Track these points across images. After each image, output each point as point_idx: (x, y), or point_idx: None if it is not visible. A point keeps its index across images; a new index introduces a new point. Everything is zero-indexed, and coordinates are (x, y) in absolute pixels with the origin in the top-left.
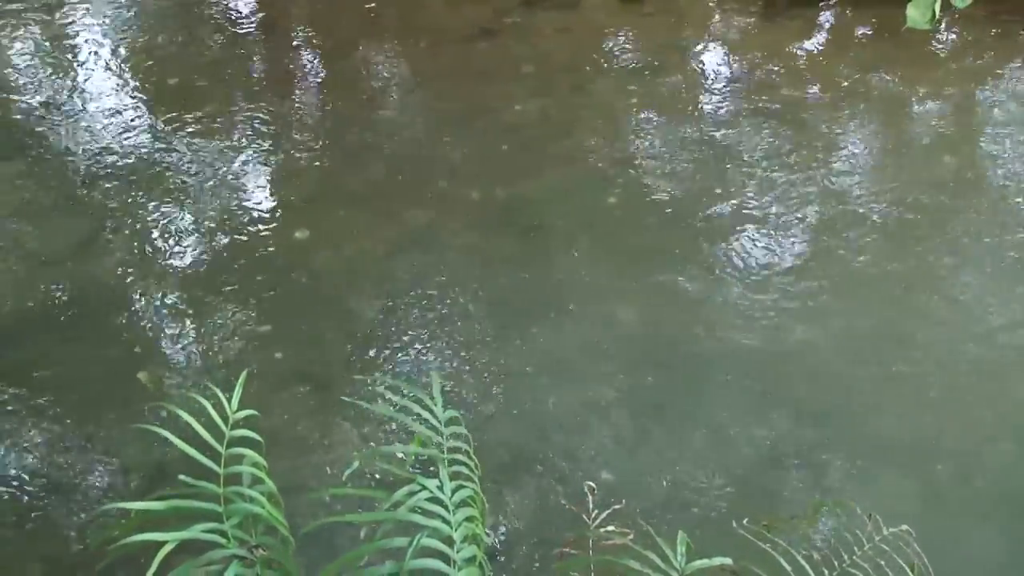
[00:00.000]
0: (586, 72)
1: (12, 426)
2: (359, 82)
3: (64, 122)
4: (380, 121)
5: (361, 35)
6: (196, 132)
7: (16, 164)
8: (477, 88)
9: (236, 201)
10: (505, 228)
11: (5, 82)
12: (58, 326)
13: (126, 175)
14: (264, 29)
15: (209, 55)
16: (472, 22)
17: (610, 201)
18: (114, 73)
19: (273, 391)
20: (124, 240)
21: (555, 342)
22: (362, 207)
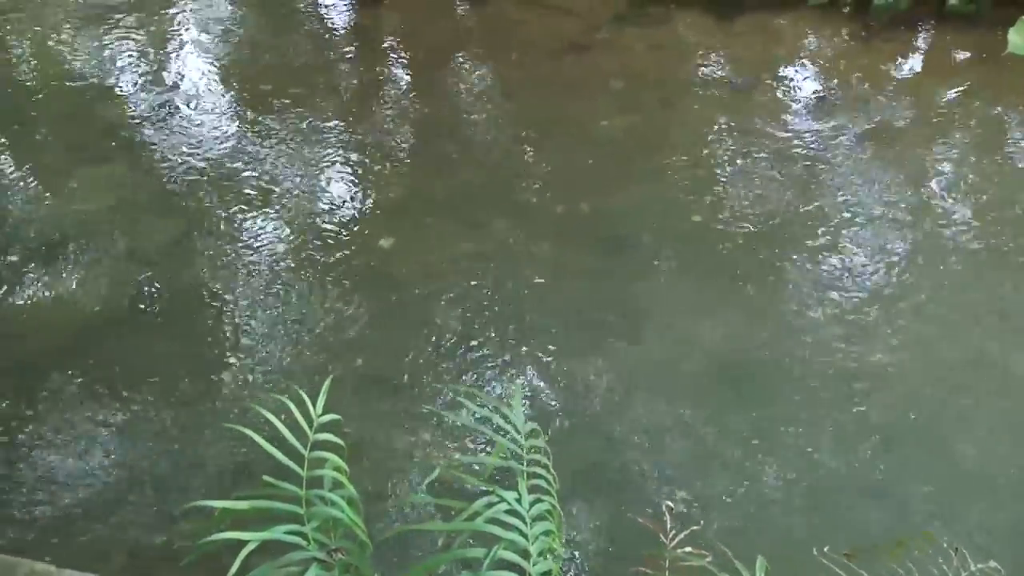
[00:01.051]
0: (675, 89)
1: (100, 419)
2: (449, 92)
3: (161, 126)
4: (468, 131)
5: (453, 46)
6: (287, 138)
7: (115, 166)
8: (565, 102)
9: (323, 207)
10: (588, 241)
11: (107, 87)
12: (147, 323)
13: (218, 178)
14: (358, 38)
15: (303, 63)
16: (563, 36)
17: (695, 219)
18: (210, 79)
19: (353, 396)
20: (214, 242)
21: (634, 357)
22: (447, 216)
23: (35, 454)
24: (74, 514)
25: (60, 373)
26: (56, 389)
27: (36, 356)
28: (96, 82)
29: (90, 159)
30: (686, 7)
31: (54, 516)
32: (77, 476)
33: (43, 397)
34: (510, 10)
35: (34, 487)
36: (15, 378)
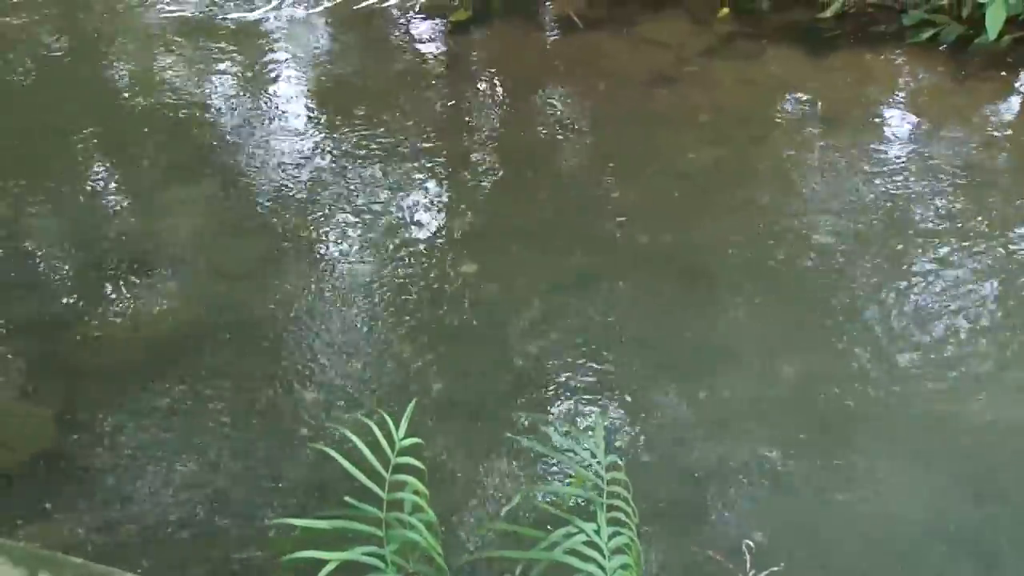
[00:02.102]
0: (764, 124)
1: (182, 434)
2: (536, 121)
3: (252, 146)
4: (554, 160)
5: (543, 75)
6: (375, 160)
7: (207, 184)
8: (652, 133)
9: (408, 231)
10: (671, 274)
11: (202, 108)
12: (232, 341)
13: (306, 199)
14: (447, 64)
15: (393, 87)
16: (653, 68)
17: (780, 256)
18: (302, 100)
19: (431, 421)
20: (298, 261)
21: (715, 393)
22: (531, 244)
23: (119, 467)
24: (156, 528)
25: (145, 388)
26: (140, 403)
27: (122, 370)
28: (192, 102)
29: (182, 177)
30: (778, 42)
31: (136, 529)
32: (159, 490)
33: (127, 411)
34: (601, 41)
35: (117, 500)
36: (101, 391)
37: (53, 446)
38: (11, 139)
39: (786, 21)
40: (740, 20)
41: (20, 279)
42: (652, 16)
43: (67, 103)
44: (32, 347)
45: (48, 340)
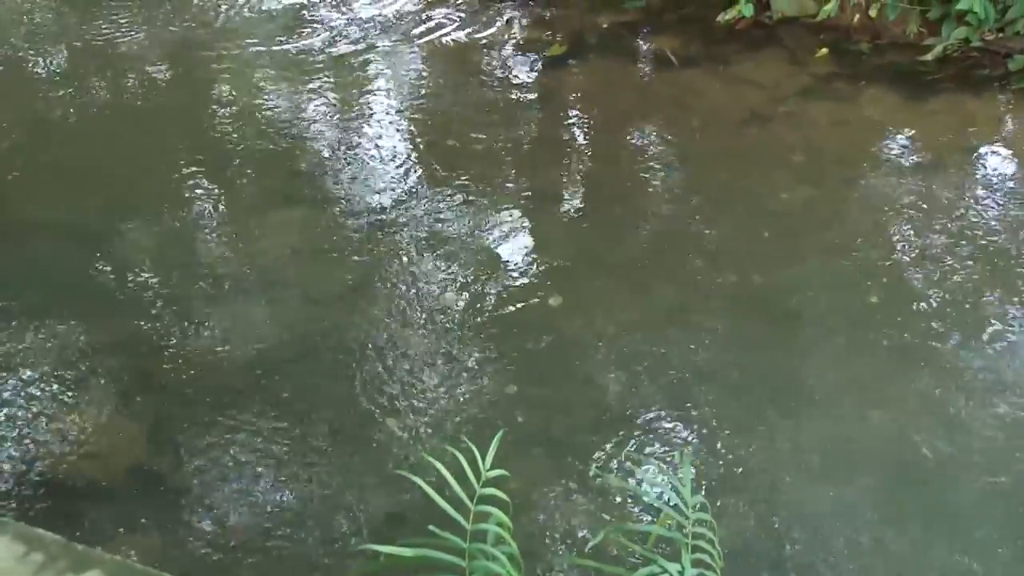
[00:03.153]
0: (859, 166)
1: (267, 455)
2: (627, 157)
3: (346, 173)
4: (643, 196)
5: (636, 111)
6: (465, 192)
7: (301, 209)
8: (744, 172)
9: (495, 262)
10: (759, 314)
11: (297, 135)
12: (320, 364)
13: (398, 227)
14: (541, 98)
15: (486, 119)
16: (746, 107)
17: (871, 300)
18: (396, 131)
19: (513, 452)
20: (387, 288)
21: (801, 436)
22: (617, 279)
23: (205, 485)
24: (238, 548)
25: (233, 408)
26: (228, 423)
27: (212, 389)
28: (288, 130)
29: (279, 202)
30: (874, 83)
31: (218, 548)
32: (243, 511)
33: (216, 430)
34: (695, 78)
35: (202, 518)
36: (191, 409)
37: (144, 461)
38: (113, 160)
39: (885, 63)
40: (838, 61)
41: (118, 298)
42: (748, 55)
43: (169, 127)
44: (128, 364)
45: (143, 358)
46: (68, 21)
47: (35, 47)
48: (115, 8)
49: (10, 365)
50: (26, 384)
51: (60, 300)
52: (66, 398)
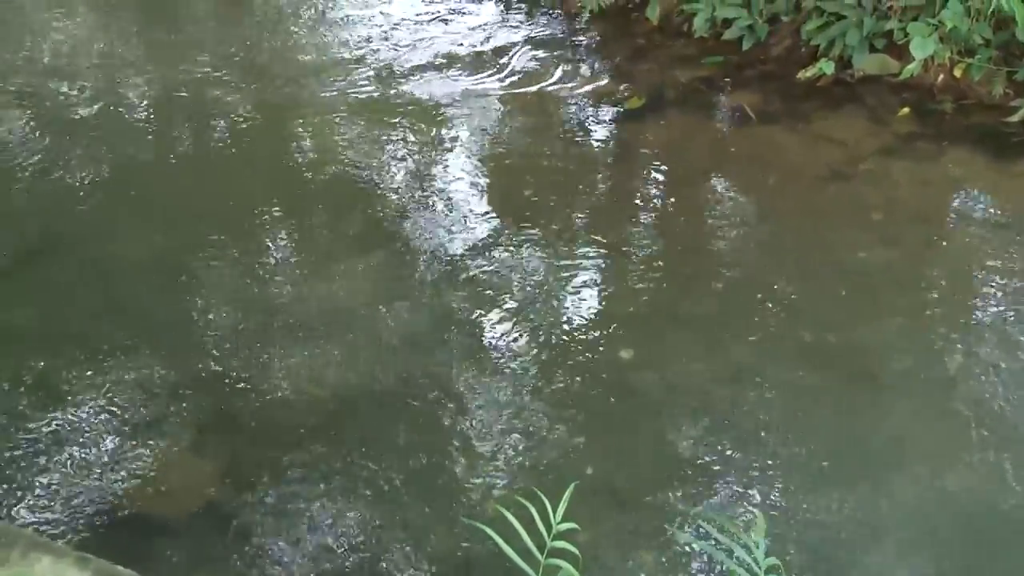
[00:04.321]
0: (941, 226)
1: (336, 498)
2: (703, 211)
3: (423, 220)
4: (719, 250)
5: (713, 165)
6: (541, 240)
7: (377, 255)
8: (822, 230)
9: (567, 312)
10: (834, 374)
11: (376, 180)
12: (392, 408)
13: (471, 275)
14: (618, 150)
15: (562, 171)
16: (825, 164)
17: (950, 363)
18: (473, 179)
19: (581, 505)
20: (460, 336)
21: (874, 501)
22: (690, 333)
23: (273, 525)
24: None
25: (304, 449)
26: (299, 464)
27: (285, 430)
28: (370, 174)
29: (355, 247)
30: (959, 144)
31: None
32: (310, 552)
33: (287, 472)
34: (774, 134)
35: (269, 558)
36: (263, 449)
37: (215, 499)
38: (196, 201)
39: (969, 124)
40: (920, 121)
41: (196, 336)
42: (829, 113)
43: (251, 170)
44: (202, 402)
45: (219, 396)
46: (156, 68)
47: (125, 92)
48: (202, 57)
49: (90, 399)
50: (104, 418)
51: (140, 336)
52: (143, 434)
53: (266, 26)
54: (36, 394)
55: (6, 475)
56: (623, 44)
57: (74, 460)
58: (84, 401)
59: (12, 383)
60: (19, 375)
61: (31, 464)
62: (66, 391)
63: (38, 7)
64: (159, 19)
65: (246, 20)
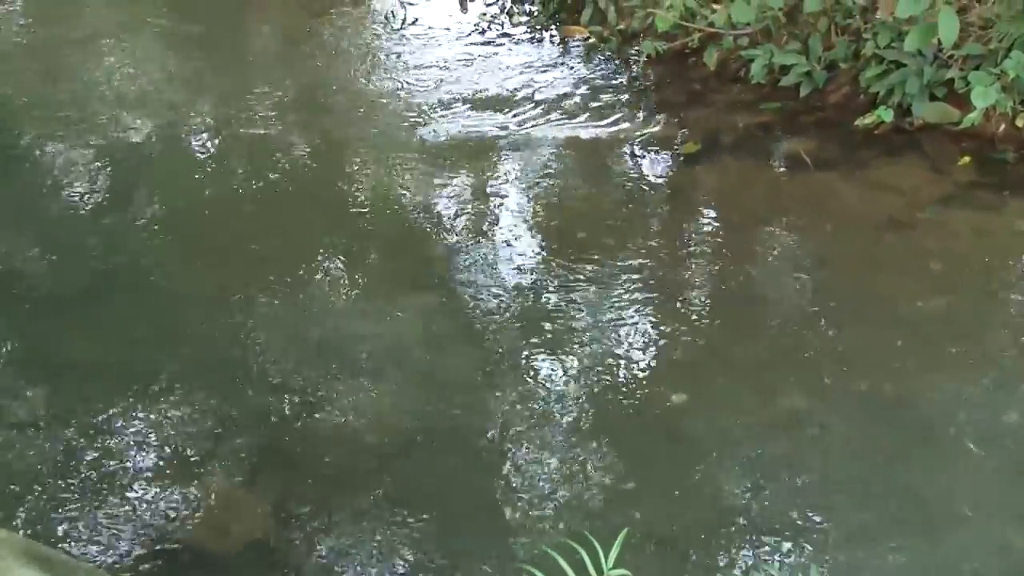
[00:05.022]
0: (1002, 277)
1: (386, 538)
2: (757, 257)
3: (475, 260)
4: (774, 296)
5: (768, 211)
6: (589, 285)
7: (430, 296)
8: (878, 279)
9: (617, 356)
10: (890, 425)
11: (431, 219)
12: (443, 450)
13: (523, 317)
14: (672, 195)
15: (615, 214)
16: (884, 212)
17: (1010, 417)
18: (526, 221)
19: (630, 551)
20: (511, 378)
21: (937, 560)
22: (743, 380)
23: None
24: None
25: (355, 489)
26: (350, 504)
27: (336, 469)
28: (423, 214)
29: (409, 286)
30: (1019, 193)
31: None
32: None
33: (337, 511)
34: (831, 181)
35: None
36: (314, 487)
37: (265, 536)
38: (251, 237)
39: None
40: (981, 170)
41: (250, 374)
42: (887, 160)
43: (307, 209)
44: (255, 439)
45: (271, 433)
46: (216, 105)
47: (186, 128)
48: (261, 95)
49: (144, 432)
50: (158, 452)
51: (195, 371)
52: (196, 469)
53: (324, 65)
54: (91, 426)
55: (62, 507)
56: (680, 89)
57: (127, 493)
58: (139, 434)
59: (68, 414)
60: (75, 406)
61: (84, 496)
62: (121, 423)
63: (102, 46)
64: (220, 57)
65: (305, 58)
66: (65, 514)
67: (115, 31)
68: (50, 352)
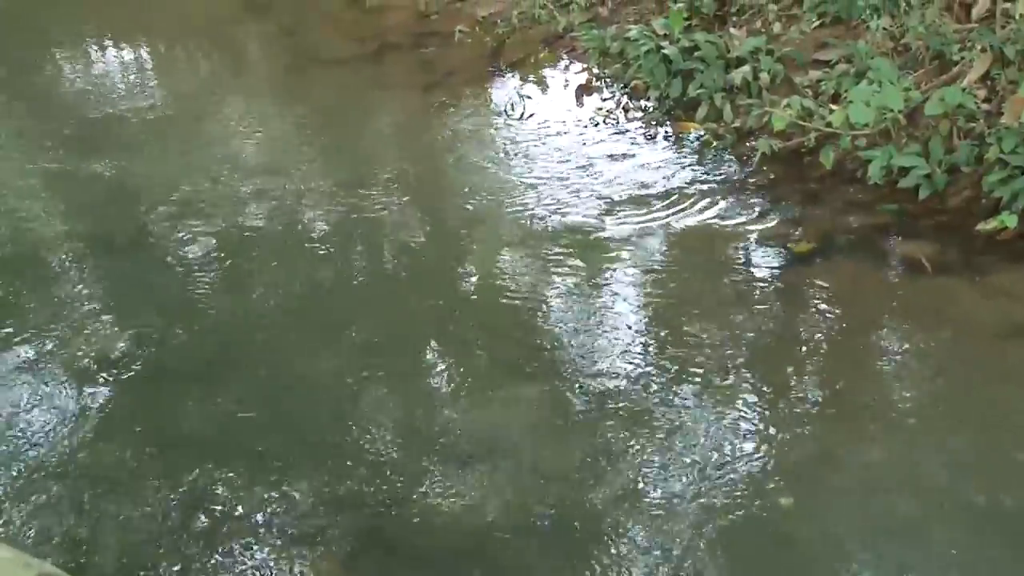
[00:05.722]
0: None
1: None
2: (872, 361)
3: (581, 350)
4: (886, 401)
5: (883, 314)
6: (699, 380)
7: (535, 385)
8: (1000, 388)
9: (724, 455)
10: (1008, 542)
11: (538, 307)
12: (543, 540)
13: (628, 410)
14: (783, 295)
15: (726, 309)
16: (1007, 322)
17: None
18: (633, 312)
19: None
20: (613, 472)
21: None
22: (855, 484)
23: None
24: None
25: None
26: None
27: (436, 554)
28: (532, 304)
29: (513, 376)
30: None
31: None
32: None
33: None
34: (950, 287)
35: None
36: (415, 572)
37: None
38: (363, 321)
39: None
40: None
41: (356, 456)
42: (1010, 267)
43: (418, 293)
44: (356, 522)
45: (371, 516)
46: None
47: (304, 211)
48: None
49: (251, 509)
50: (263, 529)
51: (303, 451)
52: (298, 547)
53: (441, 152)
54: (202, 501)
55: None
56: (794, 187)
57: (232, 569)
58: (246, 511)
59: (180, 489)
60: (187, 481)
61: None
62: (229, 499)
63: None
64: (337, 141)
65: (422, 145)
66: None
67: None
68: (165, 424)
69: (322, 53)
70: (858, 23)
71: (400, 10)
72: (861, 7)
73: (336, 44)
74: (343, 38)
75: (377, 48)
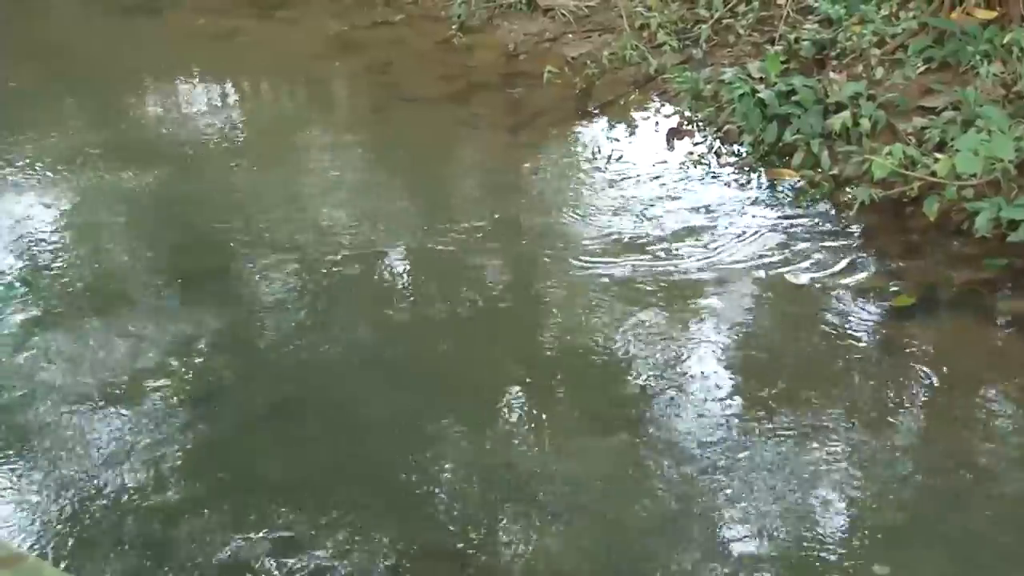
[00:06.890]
0: None
1: None
2: (973, 421)
3: (664, 402)
4: (989, 465)
5: (988, 374)
6: (790, 440)
7: (618, 437)
8: None
9: (815, 518)
10: None
11: (622, 359)
12: None
13: (714, 467)
14: (881, 350)
15: (820, 365)
16: None
17: None
18: (721, 367)
19: None
20: (698, 531)
21: None
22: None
23: None
24: None
25: None
26: None
27: None
28: (613, 353)
29: (595, 427)
30: None
31: None
32: None
33: None
34: None
35: None
36: None
37: None
38: (439, 364)
39: None
40: None
41: (428, 502)
42: None
43: (496, 337)
44: (431, 569)
45: (447, 565)
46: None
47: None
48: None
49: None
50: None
51: (375, 495)
52: None
53: (527, 195)
54: (273, 542)
55: None
56: (895, 238)
57: None
58: (317, 554)
59: (251, 530)
60: (257, 523)
61: None
62: (300, 542)
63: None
64: (420, 183)
65: (508, 188)
66: None
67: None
68: (241, 466)
69: (410, 91)
70: (967, 69)
71: (489, 50)
72: (971, 52)
73: (424, 82)
74: (432, 77)
75: (465, 87)
